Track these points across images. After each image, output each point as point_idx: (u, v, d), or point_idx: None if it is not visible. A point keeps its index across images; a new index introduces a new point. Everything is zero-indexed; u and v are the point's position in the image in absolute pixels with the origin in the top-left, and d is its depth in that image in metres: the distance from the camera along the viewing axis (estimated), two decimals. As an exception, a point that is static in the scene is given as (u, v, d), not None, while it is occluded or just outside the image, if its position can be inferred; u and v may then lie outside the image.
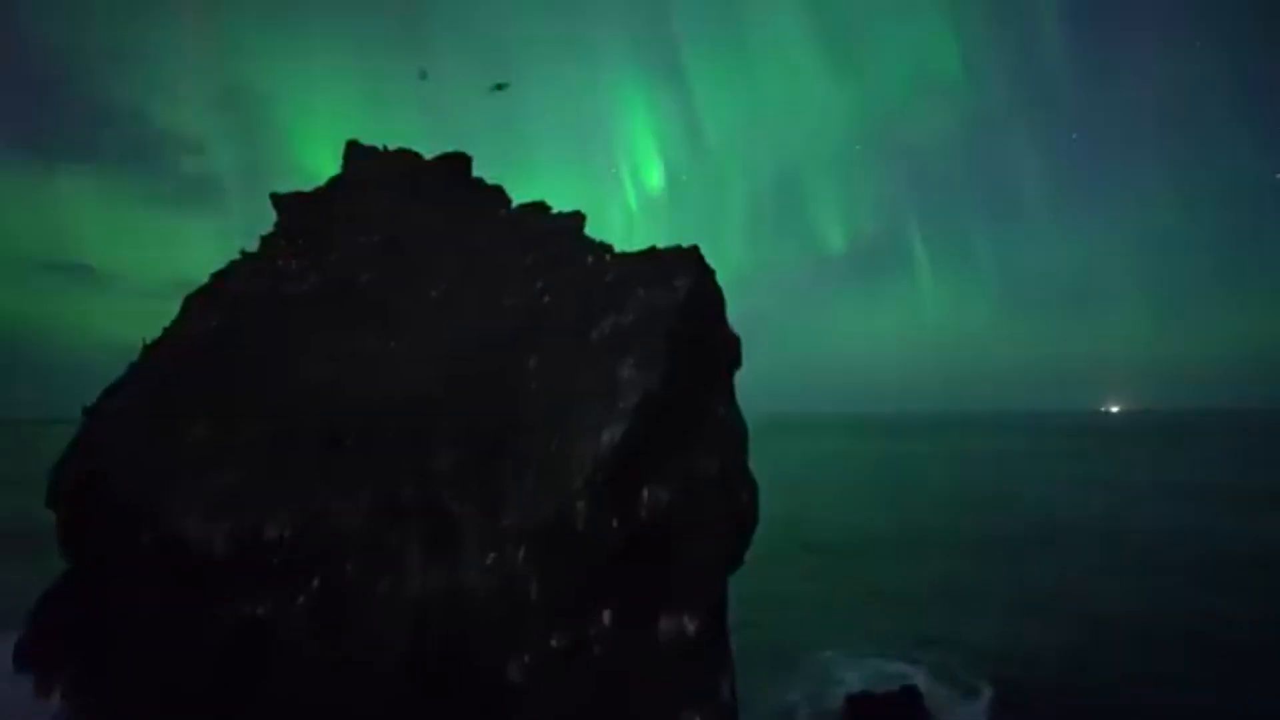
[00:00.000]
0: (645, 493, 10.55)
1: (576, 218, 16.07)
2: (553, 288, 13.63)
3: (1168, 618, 20.51)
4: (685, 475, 10.94)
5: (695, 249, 12.80)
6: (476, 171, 18.14)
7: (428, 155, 18.72)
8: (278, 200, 17.20)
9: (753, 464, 12.50)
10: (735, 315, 13.33)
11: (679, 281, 12.23)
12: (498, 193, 17.48)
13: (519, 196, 17.17)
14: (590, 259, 14.05)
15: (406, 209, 16.52)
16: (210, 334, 15.27)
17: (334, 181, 17.85)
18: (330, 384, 13.53)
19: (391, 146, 18.96)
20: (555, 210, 16.72)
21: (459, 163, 18.13)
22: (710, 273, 12.85)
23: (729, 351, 12.71)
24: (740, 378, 13.19)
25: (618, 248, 14.57)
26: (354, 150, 19.00)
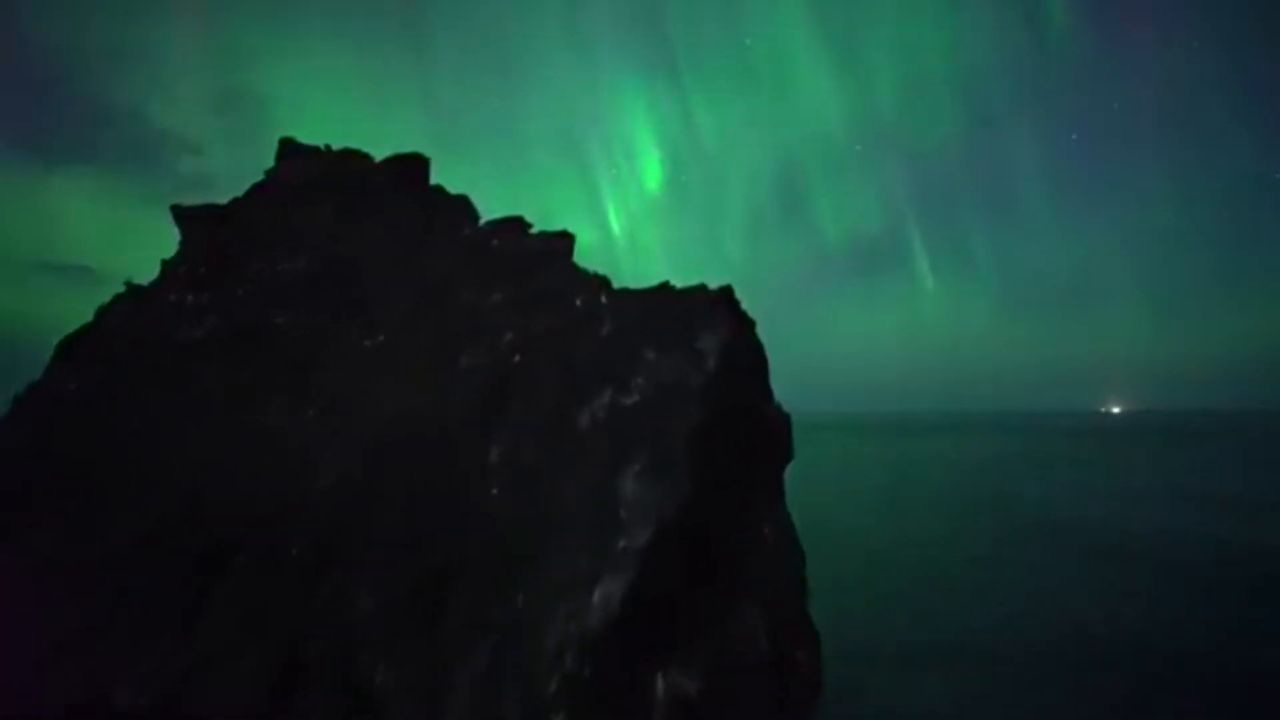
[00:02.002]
0: (660, 684, 6.86)
1: (564, 239, 12.26)
2: (528, 342, 9.89)
3: (1170, 624, 18.83)
4: (720, 646, 7.25)
5: (728, 291, 9.05)
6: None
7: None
8: (179, 214, 13.37)
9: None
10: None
11: (705, 341, 8.52)
12: (462, 204, 13.60)
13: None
14: (580, 300, 10.29)
15: (343, 227, 12.73)
16: (76, 396, 11.52)
17: (256, 191, 13.98)
18: (220, 475, 9.80)
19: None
20: (537, 230, 12.89)
21: (414, 166, 14.24)
22: (748, 325, 9.14)
23: (776, 439, 8.98)
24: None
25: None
26: (287, 150, 15.11)
